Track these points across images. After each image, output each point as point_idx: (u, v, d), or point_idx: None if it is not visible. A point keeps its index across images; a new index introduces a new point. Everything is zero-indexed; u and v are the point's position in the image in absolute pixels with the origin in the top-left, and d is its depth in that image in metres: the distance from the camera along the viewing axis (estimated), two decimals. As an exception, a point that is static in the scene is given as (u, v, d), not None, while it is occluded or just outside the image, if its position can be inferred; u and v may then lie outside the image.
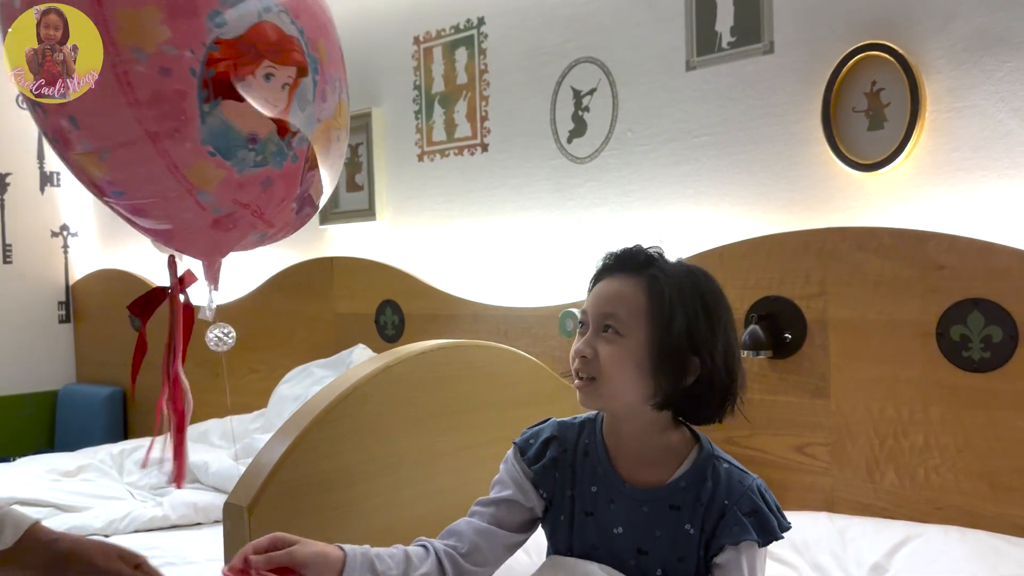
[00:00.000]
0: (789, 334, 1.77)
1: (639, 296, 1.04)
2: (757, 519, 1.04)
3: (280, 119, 1.07)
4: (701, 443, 1.11)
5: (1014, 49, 1.57)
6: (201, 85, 0.95)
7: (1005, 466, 1.52)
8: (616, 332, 1.04)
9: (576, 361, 1.06)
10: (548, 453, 1.13)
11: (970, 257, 1.55)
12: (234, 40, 0.96)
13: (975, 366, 1.54)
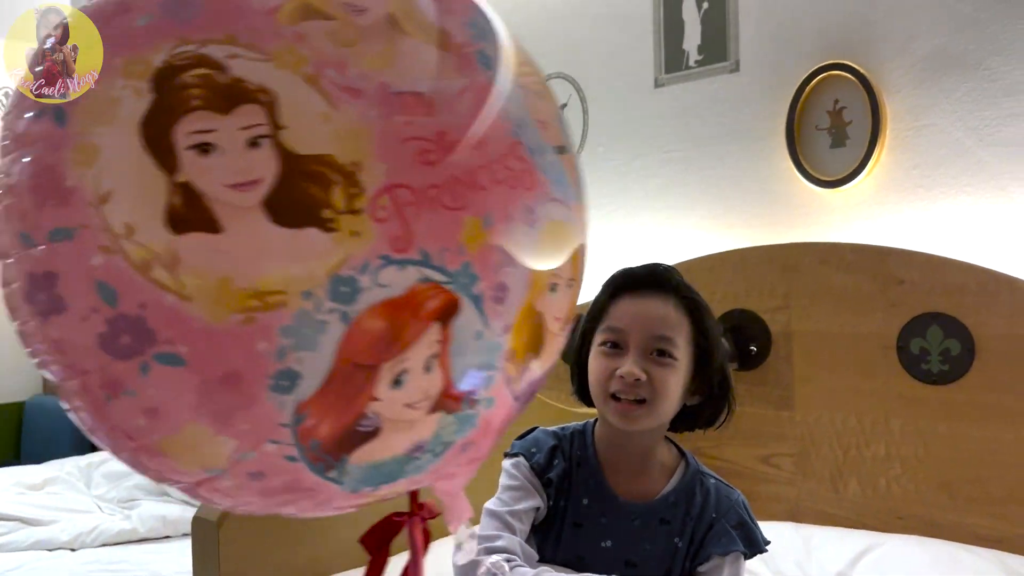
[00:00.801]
0: (755, 346, 1.80)
1: (684, 321, 1.06)
2: (744, 532, 1.07)
3: (444, 398, 0.68)
4: (687, 459, 1.14)
5: (970, 70, 1.61)
6: (311, 461, 0.64)
7: (963, 476, 1.56)
8: (671, 356, 1.04)
9: (623, 383, 1.03)
10: (556, 462, 1.12)
11: (929, 272, 1.59)
12: (329, 381, 0.60)
13: (934, 378, 1.58)
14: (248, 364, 0.57)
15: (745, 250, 1.83)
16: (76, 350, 0.58)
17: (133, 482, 2.45)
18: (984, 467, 1.53)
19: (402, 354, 0.62)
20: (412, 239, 0.60)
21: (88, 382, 0.59)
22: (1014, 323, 1.50)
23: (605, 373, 1.05)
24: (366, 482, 0.69)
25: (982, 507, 1.53)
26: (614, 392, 1.04)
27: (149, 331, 0.56)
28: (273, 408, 0.59)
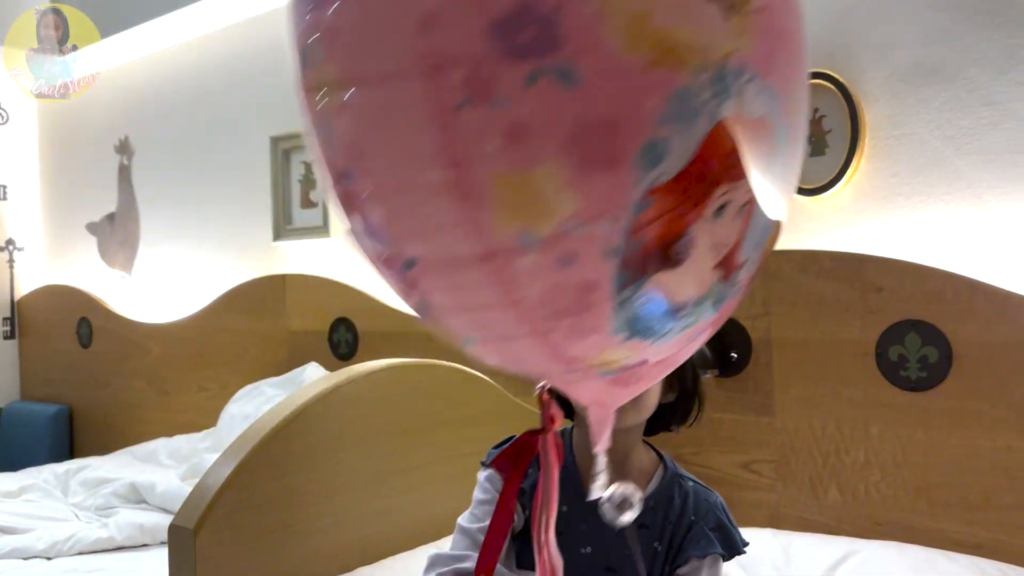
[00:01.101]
0: (735, 353, 1.80)
1: None
2: (722, 534, 1.08)
3: (728, 259, 0.66)
4: (665, 462, 1.14)
5: (948, 80, 1.63)
6: (621, 266, 0.59)
7: (941, 482, 1.56)
8: None
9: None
10: (529, 471, 1.11)
11: (907, 280, 1.60)
12: (678, 178, 0.55)
13: (912, 385, 1.59)
14: (631, 117, 0.52)
15: (726, 257, 1.84)
16: (452, 30, 0.48)
17: (110, 489, 2.43)
18: (961, 473, 1.54)
19: (736, 183, 0.59)
20: (772, 69, 0.59)
21: (446, 75, 0.49)
22: (991, 330, 1.51)
23: None
24: (631, 325, 0.65)
25: (959, 513, 1.54)
26: None
27: (556, 37, 0.48)
28: (631, 179, 0.53)
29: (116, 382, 3.47)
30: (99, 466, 2.70)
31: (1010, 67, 1.57)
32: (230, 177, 3.11)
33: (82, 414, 3.65)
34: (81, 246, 3.73)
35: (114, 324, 3.48)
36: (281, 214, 2.87)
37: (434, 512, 1.59)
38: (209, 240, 3.20)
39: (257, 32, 2.98)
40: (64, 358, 3.69)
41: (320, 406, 1.42)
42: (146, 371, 3.34)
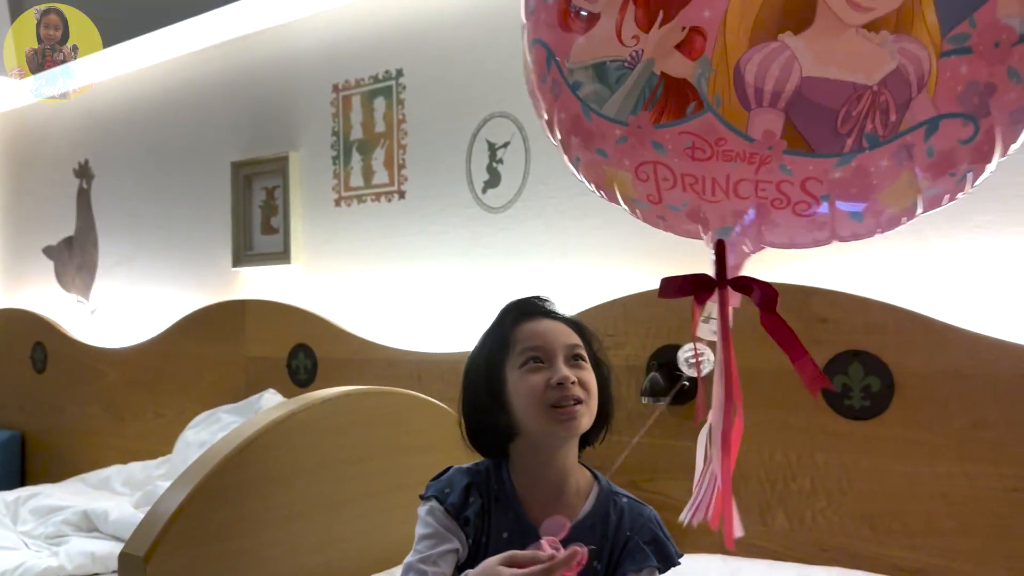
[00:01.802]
0: (687, 381, 1.84)
1: (577, 337, 1.16)
2: (656, 547, 1.11)
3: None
4: (599, 481, 1.17)
5: (889, 119, 1.70)
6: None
7: (884, 509, 1.61)
8: (585, 360, 1.14)
9: (560, 390, 1.09)
10: (471, 500, 1.13)
11: (850, 311, 1.65)
12: None
13: (856, 414, 1.64)
14: None
15: (678, 288, 1.88)
16: None
17: (61, 518, 2.39)
18: (904, 501, 1.59)
19: None
20: None
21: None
22: (930, 361, 1.57)
23: (539, 387, 1.10)
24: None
25: (902, 539, 1.59)
26: (553, 402, 1.08)
27: None
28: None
29: (70, 408, 3.42)
30: (51, 493, 2.66)
31: (947, 108, 1.64)
32: (190, 202, 3.11)
33: (34, 440, 3.58)
34: (37, 270, 3.69)
35: (69, 349, 3.43)
36: (241, 240, 2.87)
37: (390, 540, 1.60)
38: (168, 265, 3.19)
39: (219, 58, 2.99)
40: (17, 383, 3.63)
41: (275, 434, 1.42)
42: (101, 397, 3.29)
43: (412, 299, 2.49)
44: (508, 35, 2.27)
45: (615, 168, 0.91)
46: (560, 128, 0.94)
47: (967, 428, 1.53)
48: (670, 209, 0.96)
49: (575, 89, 0.88)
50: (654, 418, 1.86)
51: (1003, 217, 1.58)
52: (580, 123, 0.91)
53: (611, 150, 0.90)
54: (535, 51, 0.96)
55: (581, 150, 0.96)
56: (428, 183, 2.46)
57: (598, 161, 0.94)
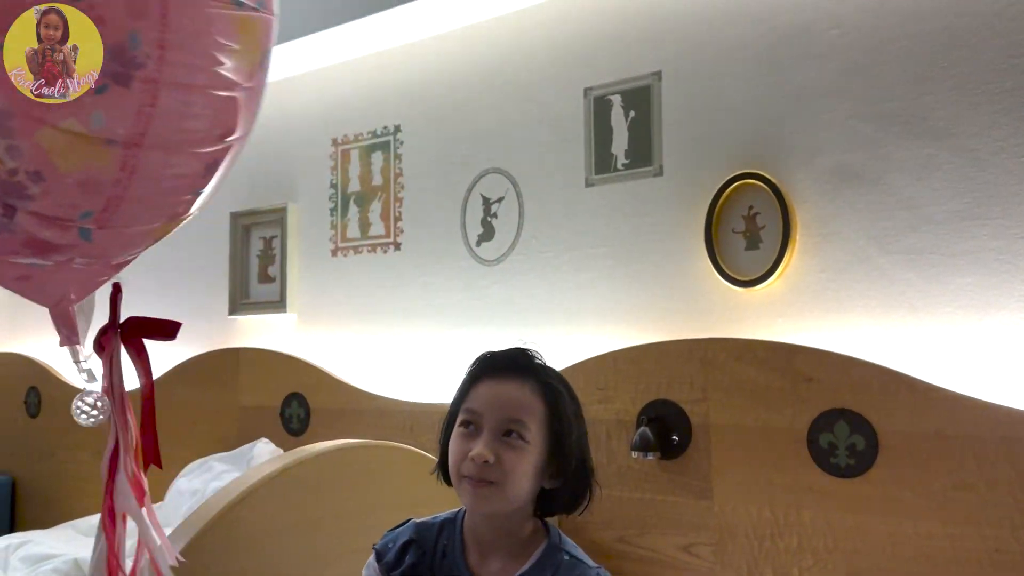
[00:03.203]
0: (676, 436, 1.87)
1: (537, 404, 1.10)
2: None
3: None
4: (551, 536, 1.15)
5: (870, 184, 1.75)
6: None
7: (869, 567, 1.63)
8: (521, 438, 1.08)
9: (473, 465, 1.07)
10: (407, 559, 1.13)
11: (835, 370, 1.69)
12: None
13: (842, 472, 1.67)
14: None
15: (666, 343, 1.92)
16: None
17: (51, 566, 2.38)
18: (888, 559, 1.61)
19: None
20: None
21: None
22: (913, 421, 1.60)
23: (460, 455, 1.10)
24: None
25: (886, 598, 1.60)
26: (467, 473, 1.08)
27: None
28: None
29: (62, 453, 3.42)
30: (41, 541, 2.65)
31: (926, 174, 1.70)
32: (188, 250, 3.15)
33: (26, 485, 3.57)
34: (33, 314, 3.71)
35: (64, 394, 3.44)
36: (238, 288, 2.90)
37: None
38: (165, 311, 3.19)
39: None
40: (10, 427, 3.62)
41: (268, 489, 1.44)
42: (93, 443, 3.29)
43: (406, 349, 2.52)
44: (503, 95, 2.34)
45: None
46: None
47: (949, 489, 1.55)
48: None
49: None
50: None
51: (983, 280, 1.63)
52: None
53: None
54: None
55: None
56: (423, 235, 2.51)
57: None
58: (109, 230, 0.78)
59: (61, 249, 0.81)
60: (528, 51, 2.30)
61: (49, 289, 0.88)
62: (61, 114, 0.72)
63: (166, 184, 0.77)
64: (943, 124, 1.68)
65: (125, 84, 0.70)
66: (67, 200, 0.76)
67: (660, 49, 2.04)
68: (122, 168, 0.72)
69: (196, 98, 0.73)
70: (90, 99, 0.71)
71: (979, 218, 1.64)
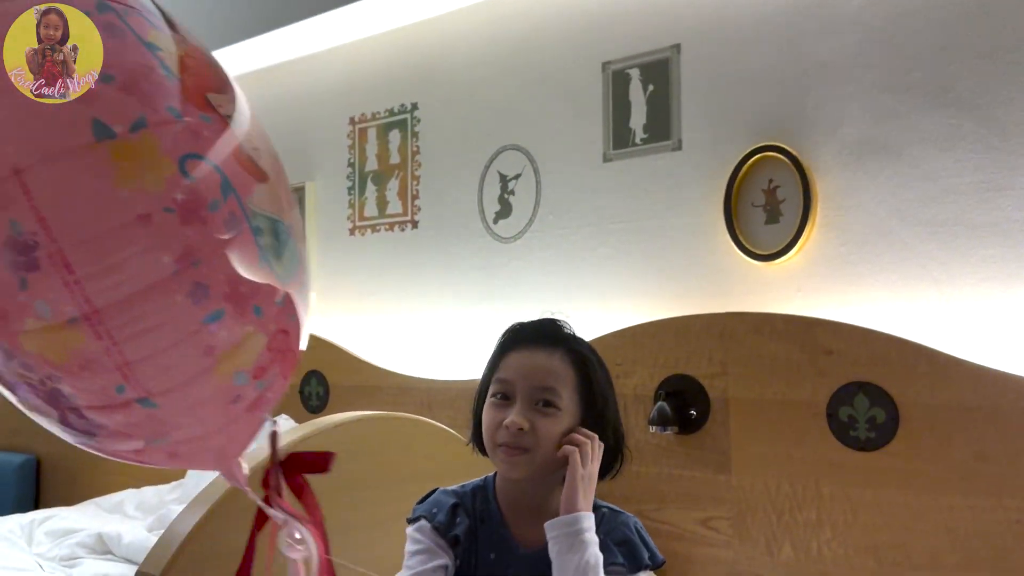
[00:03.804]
0: (694, 411, 1.86)
1: (568, 371, 1.13)
2: (627, 548, 1.13)
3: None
4: None
5: (894, 156, 1.73)
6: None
7: (888, 541, 1.62)
8: (554, 407, 1.11)
9: (508, 432, 1.09)
10: (459, 520, 1.16)
11: (855, 343, 1.67)
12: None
13: (861, 445, 1.66)
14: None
15: (685, 318, 1.91)
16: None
17: (76, 540, 2.41)
18: (908, 533, 1.60)
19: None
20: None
21: None
22: (934, 393, 1.59)
23: (493, 424, 1.12)
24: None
25: (905, 571, 1.59)
26: (501, 442, 1.11)
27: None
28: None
29: (85, 432, 3.46)
30: (65, 516, 2.69)
31: (950, 145, 1.67)
32: (209, 230, 3.17)
33: (49, 464, 3.62)
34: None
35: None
36: (258, 267, 2.91)
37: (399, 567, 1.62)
38: (185, 291, 3.24)
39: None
40: (34, 407, 3.67)
41: (288, 457, 1.45)
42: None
43: (424, 327, 2.53)
44: (519, 72, 2.33)
45: (251, 332, 0.82)
46: (234, 267, 0.79)
47: (970, 461, 1.54)
48: (258, 386, 0.89)
49: (255, 234, 0.80)
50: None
51: (1006, 252, 1.61)
52: (253, 270, 0.80)
53: (266, 308, 0.82)
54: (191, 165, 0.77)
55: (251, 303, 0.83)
56: (440, 213, 2.51)
57: (247, 324, 0.81)
58: (158, 396, 0.78)
59: (145, 428, 0.81)
60: (545, 26, 2.28)
61: (200, 458, 0.89)
62: (20, 318, 0.72)
63: (164, 335, 0.75)
64: (968, 94, 1.66)
65: (35, 268, 0.70)
66: (92, 385, 0.76)
67: (679, 22, 2.03)
68: (98, 338, 0.72)
69: (108, 243, 0.71)
70: (24, 296, 0.70)
71: (1003, 189, 1.62)
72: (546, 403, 1.11)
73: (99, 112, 0.72)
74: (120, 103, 0.73)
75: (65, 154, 0.71)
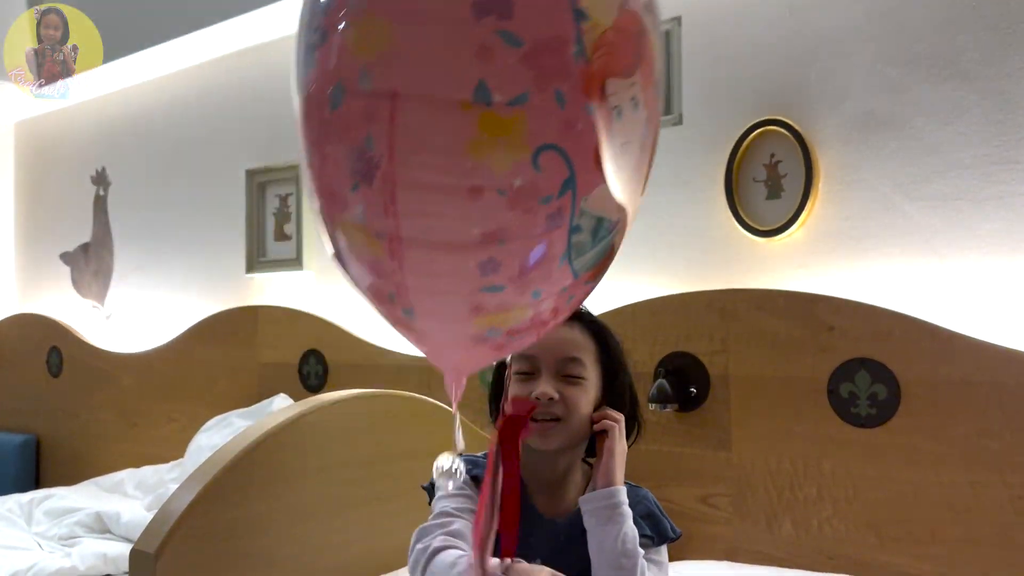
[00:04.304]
0: (694, 388, 1.85)
1: (588, 342, 1.15)
2: (651, 521, 1.15)
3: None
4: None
5: (896, 130, 1.71)
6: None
7: (889, 517, 1.61)
8: (581, 376, 1.13)
9: (538, 403, 1.10)
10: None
11: (857, 319, 1.66)
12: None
13: (862, 422, 1.65)
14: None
15: (686, 295, 1.89)
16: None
17: (75, 519, 2.42)
18: (909, 508, 1.59)
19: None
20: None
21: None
22: (936, 369, 1.57)
23: (521, 397, 1.12)
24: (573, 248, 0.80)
25: (907, 547, 1.59)
26: (535, 414, 1.11)
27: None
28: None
29: (84, 413, 3.46)
30: (64, 496, 2.69)
31: (954, 118, 1.65)
32: (205, 209, 3.14)
33: (49, 444, 3.62)
34: (54, 275, 3.74)
35: (84, 354, 3.47)
36: (255, 246, 2.90)
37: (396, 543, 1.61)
38: (183, 271, 3.22)
39: (235, 67, 3.03)
40: (33, 387, 3.67)
41: (284, 435, 1.44)
42: (115, 402, 3.33)
43: (422, 306, 2.51)
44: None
45: (523, 306, 0.84)
46: (532, 260, 0.81)
47: (972, 436, 1.53)
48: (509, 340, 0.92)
49: (573, 232, 0.80)
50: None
51: (1011, 226, 1.59)
52: (550, 264, 0.81)
53: (546, 293, 0.84)
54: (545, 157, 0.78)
55: (535, 287, 0.85)
56: (439, 191, 2.49)
57: (522, 301, 0.84)
58: (418, 317, 0.85)
59: (398, 320, 0.89)
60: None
61: (435, 357, 0.94)
62: (343, 208, 0.78)
63: (442, 283, 0.80)
64: (972, 66, 1.63)
65: (369, 182, 0.75)
66: (373, 281, 0.84)
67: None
68: (392, 258, 0.78)
69: (433, 196, 0.74)
70: (351, 196, 0.76)
71: (1008, 162, 1.59)
72: (572, 374, 1.13)
73: (489, 75, 0.70)
74: (513, 73, 0.70)
75: (440, 103, 0.71)
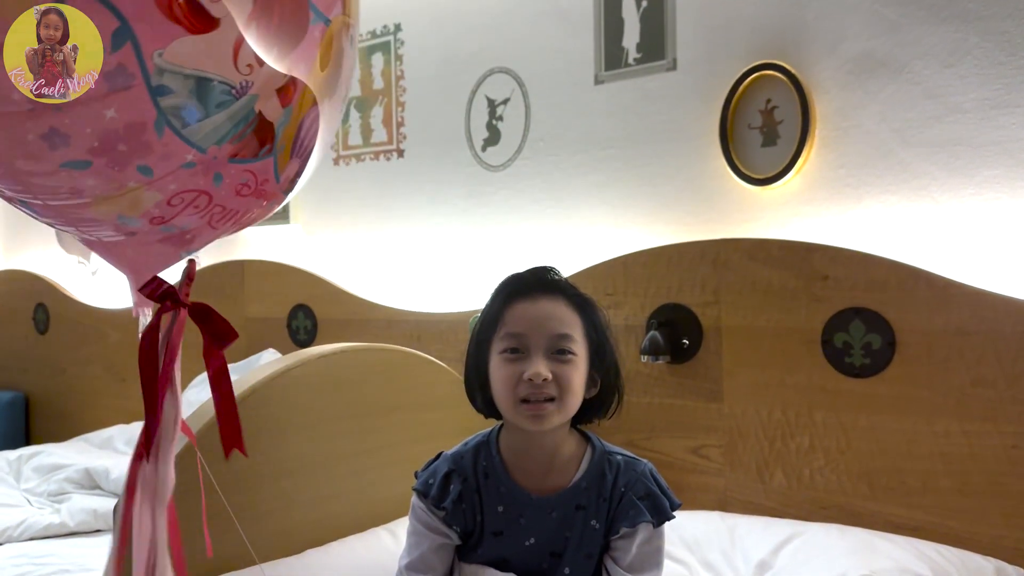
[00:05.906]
0: (687, 340, 1.83)
1: (575, 317, 1.12)
2: (651, 502, 1.11)
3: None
4: (592, 442, 1.16)
5: (895, 73, 1.66)
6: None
7: (882, 467, 1.60)
8: (571, 353, 1.09)
9: (531, 385, 1.07)
10: (452, 488, 1.14)
11: (852, 268, 1.63)
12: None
13: (856, 372, 1.63)
14: None
15: (678, 245, 1.86)
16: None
17: (64, 475, 2.40)
18: (902, 459, 1.58)
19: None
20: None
21: None
22: (932, 318, 1.55)
23: (512, 379, 1.08)
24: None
25: (899, 497, 1.58)
26: (524, 396, 1.07)
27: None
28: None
29: (73, 369, 3.43)
30: (53, 452, 2.67)
31: (955, 61, 1.60)
32: (190, 162, 3.09)
33: (38, 401, 3.60)
34: (39, 231, 3.68)
35: (71, 310, 3.43)
36: (241, 200, 2.84)
37: (384, 496, 1.60)
38: (168, 225, 3.17)
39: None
40: (20, 344, 3.63)
41: (270, 388, 1.42)
42: (103, 357, 3.30)
43: (411, 259, 2.48)
44: (508, -11, 2.23)
45: (146, 188, 0.81)
46: (106, 127, 0.76)
47: (967, 386, 1.51)
48: (163, 230, 0.94)
49: (157, 93, 0.75)
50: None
51: (1010, 172, 1.55)
52: (140, 133, 0.76)
53: (161, 170, 0.80)
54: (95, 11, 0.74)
55: (136, 162, 0.81)
56: (427, 141, 2.44)
57: (129, 180, 0.80)
58: (41, 213, 0.90)
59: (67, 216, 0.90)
60: (534, -59, 2.18)
61: (116, 262, 1.00)
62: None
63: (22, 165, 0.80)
64: (973, 6, 1.58)
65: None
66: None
67: (673, -66, 1.93)
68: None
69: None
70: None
71: (1009, 106, 1.55)
72: (562, 351, 1.09)
73: None
74: None
75: None
